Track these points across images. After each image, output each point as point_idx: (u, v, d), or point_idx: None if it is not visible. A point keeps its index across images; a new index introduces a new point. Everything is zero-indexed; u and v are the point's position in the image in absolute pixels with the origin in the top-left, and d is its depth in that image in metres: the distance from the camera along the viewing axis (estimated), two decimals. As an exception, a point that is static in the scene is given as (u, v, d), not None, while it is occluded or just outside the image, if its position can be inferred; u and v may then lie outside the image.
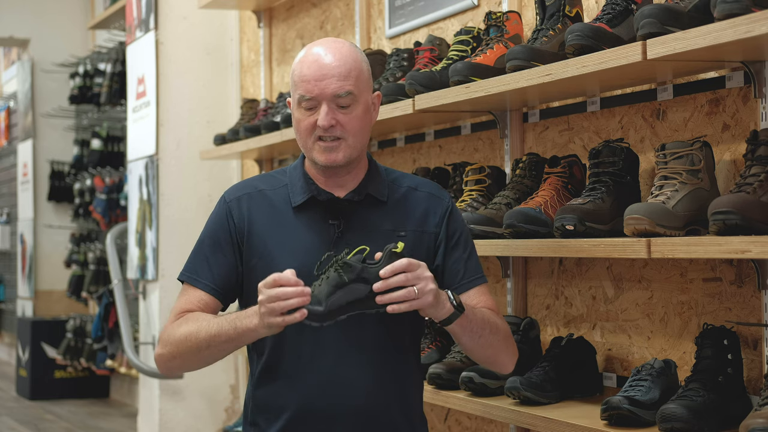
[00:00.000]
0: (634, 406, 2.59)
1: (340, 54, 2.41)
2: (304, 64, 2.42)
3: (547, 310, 3.45)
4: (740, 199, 2.30)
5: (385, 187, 2.51)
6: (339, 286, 2.20)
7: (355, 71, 2.41)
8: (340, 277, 2.20)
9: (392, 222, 2.48)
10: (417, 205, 2.52)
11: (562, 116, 3.38)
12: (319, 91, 2.39)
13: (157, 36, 5.89)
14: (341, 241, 2.42)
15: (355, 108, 2.42)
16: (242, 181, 2.59)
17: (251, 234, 2.46)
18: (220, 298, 2.48)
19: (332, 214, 2.45)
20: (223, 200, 2.53)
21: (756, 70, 2.59)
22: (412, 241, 2.46)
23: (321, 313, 2.19)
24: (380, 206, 2.49)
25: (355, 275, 2.20)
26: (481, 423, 3.78)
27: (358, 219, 2.46)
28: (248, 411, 2.54)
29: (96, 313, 7.92)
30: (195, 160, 5.83)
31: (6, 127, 10.87)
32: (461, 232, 2.56)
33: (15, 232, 10.40)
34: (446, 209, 2.54)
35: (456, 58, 3.39)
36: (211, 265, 2.47)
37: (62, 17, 9.72)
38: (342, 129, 2.40)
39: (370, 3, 4.56)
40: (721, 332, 2.61)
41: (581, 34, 2.68)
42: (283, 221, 2.46)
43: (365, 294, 2.21)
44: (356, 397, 2.41)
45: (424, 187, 2.57)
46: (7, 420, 7.70)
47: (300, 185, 2.48)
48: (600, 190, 2.79)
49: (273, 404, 2.45)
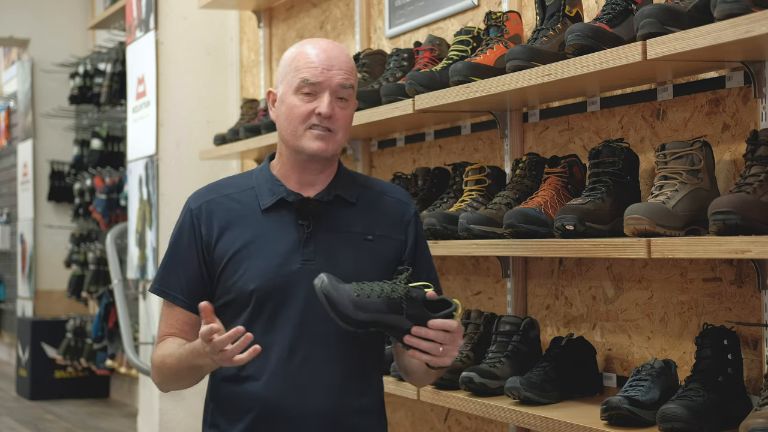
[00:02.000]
0: (634, 406, 2.59)
1: (342, 51, 2.45)
2: (308, 53, 2.42)
3: (547, 310, 3.45)
4: (740, 199, 2.30)
5: (355, 189, 2.51)
6: (392, 311, 2.20)
7: (354, 71, 2.46)
8: (399, 305, 2.20)
9: (361, 225, 2.47)
10: (385, 209, 2.52)
11: (562, 116, 3.38)
12: (325, 79, 2.39)
13: (157, 36, 5.89)
14: (311, 241, 2.42)
15: (349, 105, 2.45)
16: (207, 185, 2.55)
17: (219, 239, 2.44)
18: (194, 310, 2.45)
19: (302, 214, 2.44)
20: (187, 207, 2.50)
21: (756, 70, 2.59)
22: (379, 246, 2.47)
23: (357, 321, 2.19)
24: (349, 208, 2.49)
25: (412, 312, 2.21)
26: (481, 423, 3.78)
27: (328, 220, 2.45)
28: (208, 412, 2.51)
29: (96, 313, 7.92)
30: (195, 160, 5.83)
31: (6, 127, 10.88)
32: (425, 243, 2.58)
33: (15, 232, 10.40)
34: (412, 217, 2.55)
35: (456, 58, 3.39)
36: (180, 277, 2.46)
37: (62, 17, 9.72)
38: (336, 122, 2.41)
39: (370, 3, 4.56)
40: (721, 332, 2.61)
41: (581, 34, 2.68)
42: (252, 224, 2.44)
43: (406, 327, 2.22)
44: (320, 399, 2.40)
45: (392, 192, 2.57)
46: (7, 420, 7.70)
47: (268, 187, 2.47)
48: (600, 190, 2.79)
49: (235, 405, 2.43)
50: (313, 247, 2.41)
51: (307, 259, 2.40)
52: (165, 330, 2.48)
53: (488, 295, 3.73)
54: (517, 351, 3.20)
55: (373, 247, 2.46)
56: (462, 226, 3.12)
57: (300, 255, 2.41)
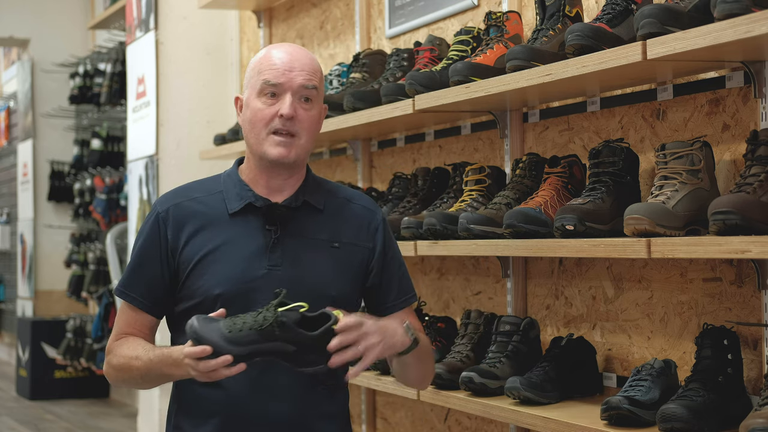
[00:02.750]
0: (634, 406, 2.59)
1: (306, 54, 2.45)
2: (271, 56, 2.43)
3: (547, 310, 3.45)
4: (740, 199, 2.30)
5: (322, 196, 2.51)
6: (267, 339, 2.17)
7: (318, 73, 2.45)
8: (272, 333, 2.17)
9: (328, 232, 2.47)
10: (352, 217, 2.52)
11: (562, 116, 3.38)
12: (286, 80, 2.39)
13: (157, 36, 5.89)
14: (277, 247, 2.41)
15: (314, 107, 2.43)
16: (174, 189, 2.54)
17: (186, 243, 2.43)
18: (155, 314, 2.47)
19: (269, 219, 2.43)
20: (154, 211, 2.48)
21: (756, 70, 2.59)
22: (346, 253, 2.47)
23: (237, 355, 2.16)
24: (317, 214, 2.48)
25: (287, 336, 2.17)
26: (481, 423, 3.78)
27: (295, 226, 2.45)
28: (172, 414, 2.50)
29: (96, 313, 7.92)
30: (195, 160, 5.83)
31: (6, 127, 10.88)
32: (394, 249, 2.57)
33: (15, 232, 10.40)
34: (379, 224, 2.54)
35: (456, 58, 3.39)
36: (142, 279, 2.45)
37: (62, 17, 9.72)
38: (300, 125, 2.40)
39: (370, 3, 4.56)
40: (721, 332, 2.61)
41: (581, 34, 2.68)
42: (219, 228, 2.43)
43: (290, 351, 2.18)
44: (284, 403, 2.39)
45: (358, 200, 2.56)
46: (7, 420, 7.70)
47: (236, 192, 2.46)
48: (600, 190, 2.79)
49: (199, 408, 2.42)
50: (280, 253, 2.40)
51: (274, 264, 2.40)
52: (123, 329, 2.46)
53: (488, 295, 3.73)
54: (517, 351, 3.20)
55: (339, 254, 2.46)
56: (462, 226, 3.12)
57: (267, 260, 2.40)
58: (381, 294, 2.53)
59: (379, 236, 2.53)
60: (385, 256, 2.53)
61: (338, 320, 2.20)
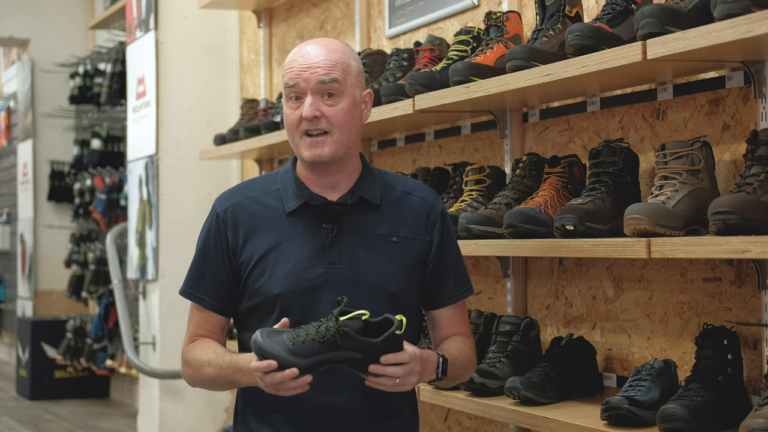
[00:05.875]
0: (634, 406, 2.59)
1: (327, 48, 2.40)
2: (290, 58, 2.42)
3: (547, 310, 3.45)
4: (740, 199, 2.30)
5: (378, 190, 2.48)
6: (330, 350, 2.18)
7: (342, 64, 2.39)
8: (334, 343, 2.18)
9: (385, 226, 2.46)
10: (410, 209, 2.50)
11: (562, 116, 3.38)
12: (302, 80, 2.37)
13: (157, 36, 5.89)
14: (335, 245, 2.41)
15: (340, 100, 2.39)
16: (232, 188, 2.55)
17: (245, 243, 2.44)
18: (224, 313, 2.49)
19: (325, 217, 2.43)
20: (213, 211, 2.49)
21: (756, 70, 2.59)
22: (405, 248, 2.45)
23: (302, 368, 2.18)
24: (373, 209, 2.46)
25: (350, 345, 2.19)
26: (481, 423, 3.78)
27: (352, 222, 2.44)
28: (239, 410, 2.53)
29: (96, 313, 7.92)
30: (195, 160, 5.84)
31: (6, 127, 10.87)
32: (453, 241, 2.55)
33: (15, 232, 10.40)
34: (438, 216, 2.52)
35: (456, 58, 3.39)
36: (208, 280, 2.46)
37: (62, 17, 9.72)
38: (327, 122, 2.37)
39: (370, 3, 4.56)
40: (721, 332, 2.61)
41: (581, 34, 2.68)
42: (277, 228, 2.43)
43: (356, 359, 2.20)
44: (350, 398, 2.40)
45: (417, 191, 2.54)
46: (7, 420, 7.70)
47: (292, 190, 2.45)
48: (600, 190, 2.79)
49: (265, 403, 2.43)
50: (338, 251, 2.40)
51: (332, 262, 2.39)
52: (195, 331, 2.49)
53: (488, 295, 3.73)
54: (517, 351, 3.20)
55: (398, 249, 2.44)
56: (462, 226, 3.12)
57: (325, 259, 2.40)
58: (437, 287, 2.51)
59: (437, 229, 2.50)
60: (442, 249, 2.51)
61: (402, 324, 2.20)
